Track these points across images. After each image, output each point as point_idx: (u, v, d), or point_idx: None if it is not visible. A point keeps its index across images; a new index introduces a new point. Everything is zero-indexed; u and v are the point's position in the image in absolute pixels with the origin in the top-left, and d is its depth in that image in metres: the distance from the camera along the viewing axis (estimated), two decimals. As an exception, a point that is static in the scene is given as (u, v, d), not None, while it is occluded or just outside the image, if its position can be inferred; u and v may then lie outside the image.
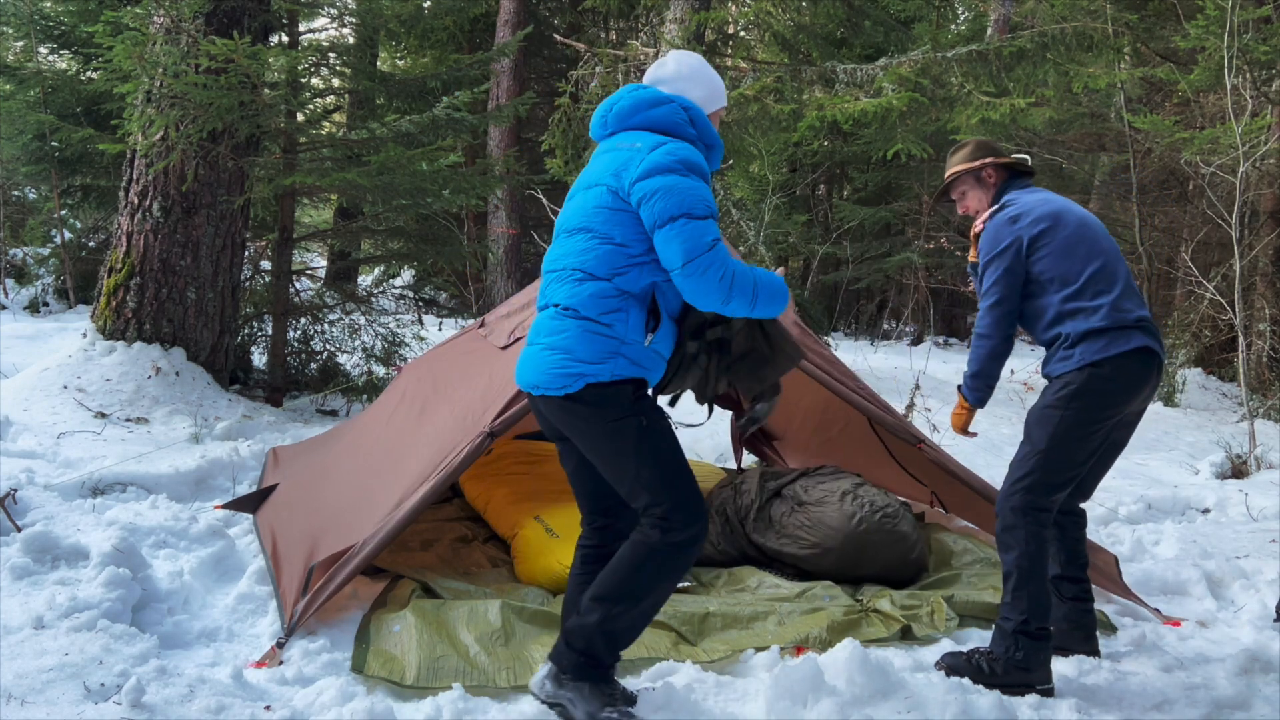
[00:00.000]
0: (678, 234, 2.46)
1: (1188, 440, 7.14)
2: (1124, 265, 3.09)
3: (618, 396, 2.54)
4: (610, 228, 2.56)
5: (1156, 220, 10.31)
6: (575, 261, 2.60)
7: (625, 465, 2.56)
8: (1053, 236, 3.03)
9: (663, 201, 2.47)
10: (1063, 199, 3.20)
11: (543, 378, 2.57)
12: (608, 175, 2.59)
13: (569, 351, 2.53)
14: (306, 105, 7.34)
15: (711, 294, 2.47)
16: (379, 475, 3.82)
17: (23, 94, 9.92)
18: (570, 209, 2.70)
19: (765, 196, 11.82)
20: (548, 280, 2.70)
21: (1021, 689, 2.97)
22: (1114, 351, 2.93)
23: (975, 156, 3.30)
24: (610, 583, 2.57)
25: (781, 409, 5.46)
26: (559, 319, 2.59)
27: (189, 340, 6.40)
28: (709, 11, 9.19)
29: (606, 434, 2.56)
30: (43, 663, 2.72)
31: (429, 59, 14.61)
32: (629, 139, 2.64)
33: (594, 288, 2.55)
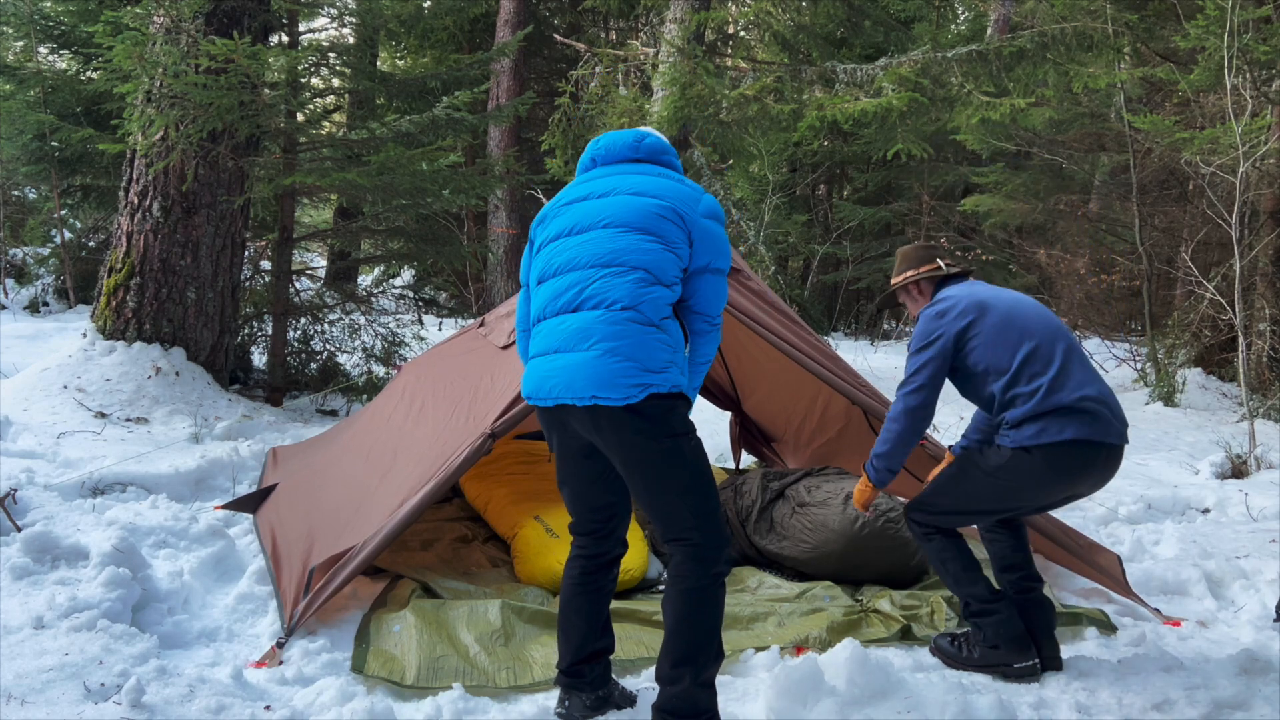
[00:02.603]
0: (720, 286, 2.61)
1: (1188, 440, 7.14)
2: (1064, 341, 3.06)
3: (676, 411, 2.49)
4: (675, 238, 2.55)
5: (1156, 220, 10.30)
6: (639, 259, 2.51)
7: (672, 488, 2.49)
8: (980, 326, 3.05)
9: (720, 250, 2.61)
10: (993, 289, 3.20)
11: (603, 386, 2.42)
12: (673, 197, 2.59)
13: (634, 358, 2.43)
14: (306, 105, 7.34)
15: (715, 346, 2.65)
16: (379, 475, 3.82)
17: (23, 94, 9.92)
18: (611, 208, 2.59)
19: (765, 196, 11.83)
20: (588, 277, 2.53)
21: (1000, 668, 3.07)
22: (1045, 440, 2.93)
23: (902, 270, 3.41)
24: (684, 642, 2.50)
25: (781, 410, 5.47)
26: (619, 322, 2.45)
27: (189, 340, 6.40)
28: (709, 11, 9.19)
29: (662, 452, 2.47)
30: (43, 663, 2.72)
31: (429, 59, 14.61)
32: (664, 171, 2.71)
33: (659, 293, 2.50)
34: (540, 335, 2.59)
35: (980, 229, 13.93)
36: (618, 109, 9.26)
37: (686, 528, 2.50)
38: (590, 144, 2.81)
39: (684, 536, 2.50)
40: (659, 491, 2.51)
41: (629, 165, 2.72)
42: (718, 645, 2.55)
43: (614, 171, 2.71)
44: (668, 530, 2.53)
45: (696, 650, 2.49)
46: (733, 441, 5.97)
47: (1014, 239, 13.35)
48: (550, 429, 2.64)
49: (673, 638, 2.51)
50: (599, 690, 2.72)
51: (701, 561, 2.49)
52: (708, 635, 2.51)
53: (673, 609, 2.51)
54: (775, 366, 5.02)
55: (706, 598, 2.50)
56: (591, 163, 2.78)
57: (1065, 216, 12.09)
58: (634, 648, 3.12)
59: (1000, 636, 3.10)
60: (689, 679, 2.48)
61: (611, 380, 2.41)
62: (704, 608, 2.50)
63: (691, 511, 2.49)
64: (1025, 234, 13.67)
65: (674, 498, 2.50)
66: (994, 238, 13.64)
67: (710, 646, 2.52)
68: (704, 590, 2.49)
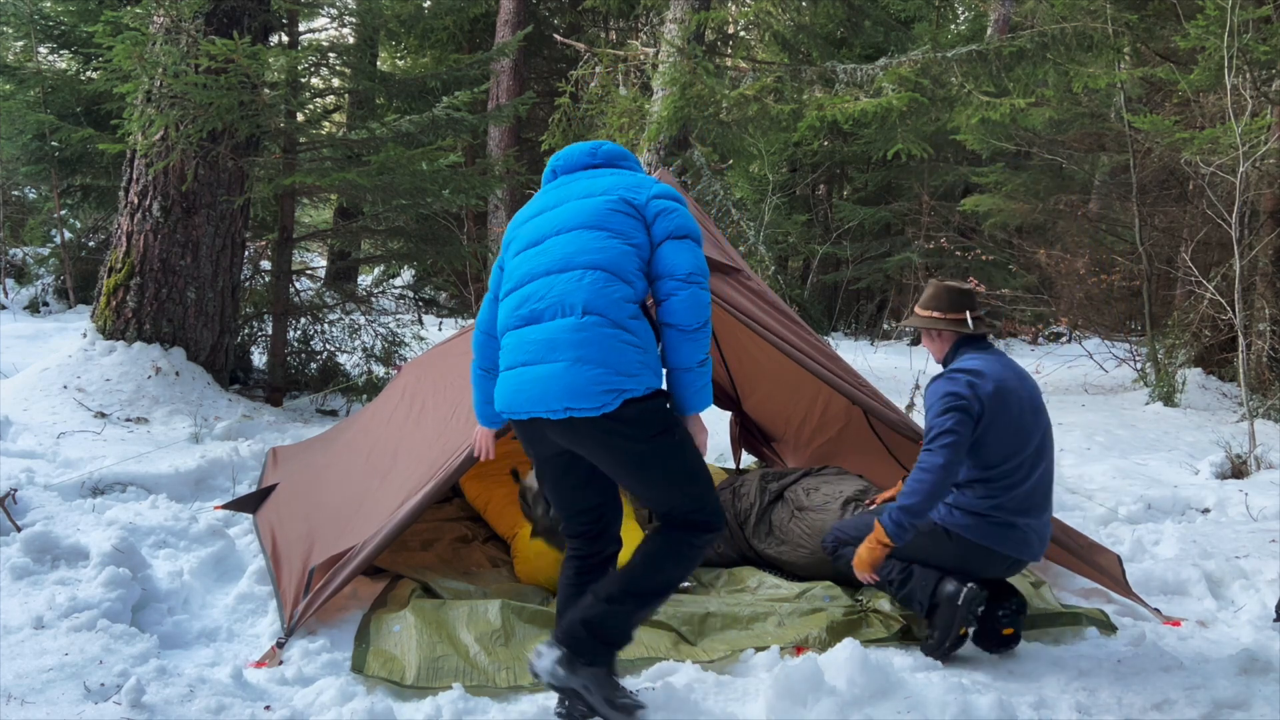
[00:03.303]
0: (689, 248, 2.55)
1: (1188, 440, 7.14)
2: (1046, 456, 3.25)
3: (656, 411, 2.47)
4: (630, 229, 2.54)
5: (1156, 220, 10.29)
6: (594, 258, 2.49)
7: (662, 481, 2.53)
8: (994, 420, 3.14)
9: (680, 220, 2.57)
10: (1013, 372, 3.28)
11: (577, 397, 2.40)
12: (619, 188, 2.60)
13: (604, 363, 2.40)
14: (306, 105, 7.34)
15: (699, 310, 2.50)
16: (379, 475, 3.82)
17: (23, 94, 9.93)
18: (563, 214, 2.61)
19: (765, 196, 11.84)
20: (547, 285, 2.51)
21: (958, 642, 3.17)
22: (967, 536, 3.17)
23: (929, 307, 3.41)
24: (644, 579, 2.57)
25: (780, 410, 5.47)
26: (584, 329, 2.42)
27: (189, 340, 6.40)
28: (709, 11, 9.19)
29: (645, 452, 2.48)
30: (43, 663, 2.72)
31: (429, 59, 14.61)
32: (617, 171, 2.72)
33: (620, 290, 2.47)
34: (508, 348, 2.57)
35: (980, 229, 13.92)
36: (618, 109, 9.26)
37: (687, 508, 2.57)
38: (551, 157, 2.83)
39: (683, 516, 2.58)
40: (650, 486, 2.55)
41: (584, 172, 2.74)
42: (665, 598, 2.64)
43: (569, 180, 2.72)
44: (669, 516, 2.59)
45: (652, 591, 2.58)
46: (733, 441, 5.96)
47: (1014, 239, 13.35)
48: (528, 442, 2.63)
49: (635, 569, 2.57)
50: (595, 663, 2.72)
51: (701, 527, 2.58)
52: (668, 583, 2.59)
53: (654, 548, 2.58)
54: (775, 366, 5.02)
55: (690, 552, 2.58)
56: (552, 174, 2.80)
57: (1065, 216, 12.09)
58: (634, 648, 3.11)
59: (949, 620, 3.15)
60: (630, 607, 2.56)
61: (584, 390, 2.39)
62: (683, 560, 2.58)
63: (687, 497, 2.57)
64: (1025, 234, 13.67)
65: (666, 490, 2.55)
66: (994, 238, 13.64)
67: (663, 594, 2.62)
68: (692, 546, 2.58)
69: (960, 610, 3.12)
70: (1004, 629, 3.24)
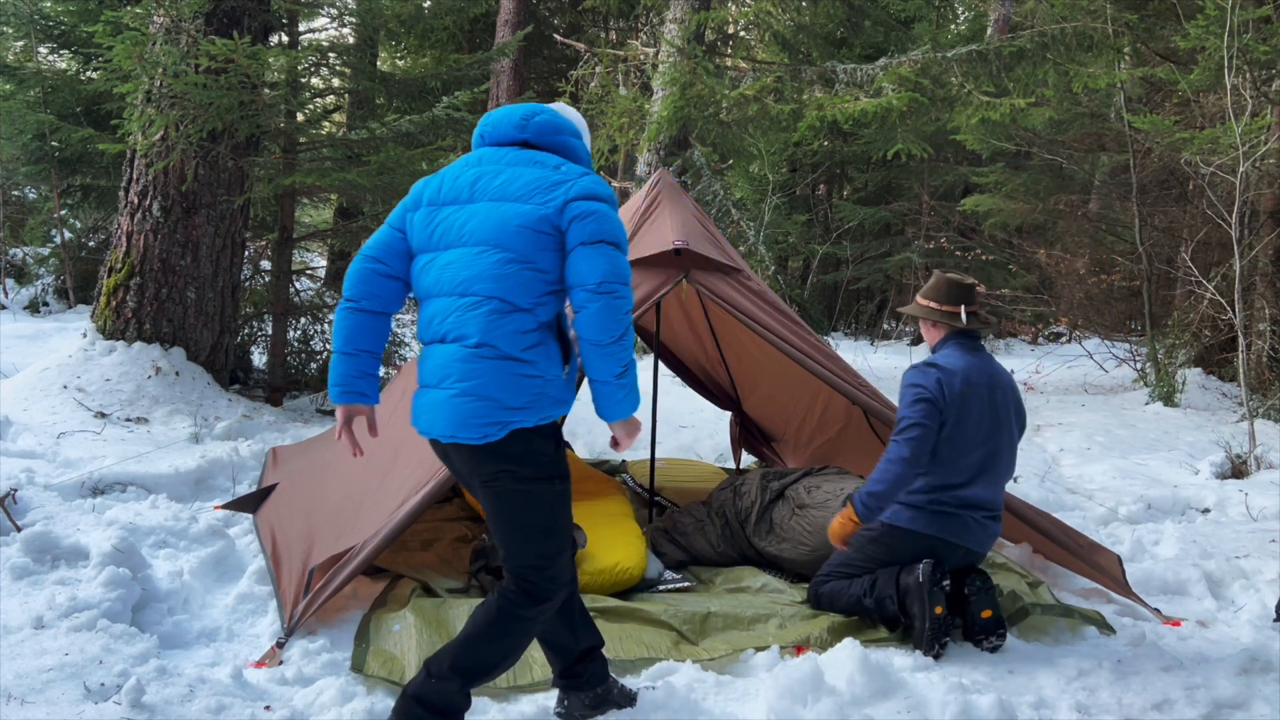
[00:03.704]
0: (601, 254, 2.36)
1: (1188, 440, 7.14)
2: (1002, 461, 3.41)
3: (542, 450, 2.39)
4: (534, 251, 2.37)
5: (1156, 220, 10.28)
6: (492, 288, 2.35)
7: (522, 527, 2.43)
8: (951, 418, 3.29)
9: (595, 223, 2.37)
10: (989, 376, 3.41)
11: (459, 427, 2.34)
12: (537, 192, 2.41)
13: (490, 397, 2.32)
14: (306, 105, 7.34)
15: (614, 323, 2.34)
16: (379, 475, 3.82)
17: (23, 94, 9.93)
18: (471, 221, 2.43)
19: (765, 196, 11.83)
20: (447, 307, 2.41)
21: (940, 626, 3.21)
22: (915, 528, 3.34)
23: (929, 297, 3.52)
24: (475, 655, 2.46)
25: (780, 410, 5.47)
26: (472, 360, 2.34)
27: (189, 340, 6.40)
28: (709, 11, 9.19)
29: (520, 493, 2.39)
30: (43, 663, 2.72)
31: (429, 59, 14.60)
32: (543, 157, 2.50)
33: (517, 321, 2.35)
34: (422, 362, 2.50)
35: (980, 229, 13.92)
36: (618, 109, 9.26)
37: (527, 566, 2.45)
38: (483, 118, 2.64)
39: (522, 573, 2.46)
40: (510, 528, 2.45)
41: (509, 151, 2.52)
42: (503, 670, 2.53)
43: (490, 159, 2.52)
44: (507, 560, 2.48)
45: (480, 668, 2.48)
46: (733, 441, 5.97)
47: (1014, 239, 13.35)
48: (441, 459, 2.59)
49: (465, 644, 2.47)
50: (597, 687, 2.72)
51: (532, 597, 2.45)
52: (500, 659, 2.49)
53: (482, 620, 2.47)
54: (775, 366, 5.02)
55: (520, 628, 2.47)
56: (480, 140, 2.61)
57: (1065, 216, 12.09)
58: (634, 648, 3.12)
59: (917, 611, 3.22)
60: (456, 685, 2.47)
61: (467, 420, 2.33)
62: (512, 635, 2.47)
63: (536, 552, 2.44)
64: (1025, 234, 13.67)
65: (522, 537, 2.44)
66: (994, 238, 13.63)
67: (495, 670, 2.51)
68: (522, 620, 2.46)
69: (925, 586, 3.19)
70: (981, 610, 3.27)
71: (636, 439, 2.56)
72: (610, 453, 6.12)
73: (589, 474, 4.74)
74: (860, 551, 3.48)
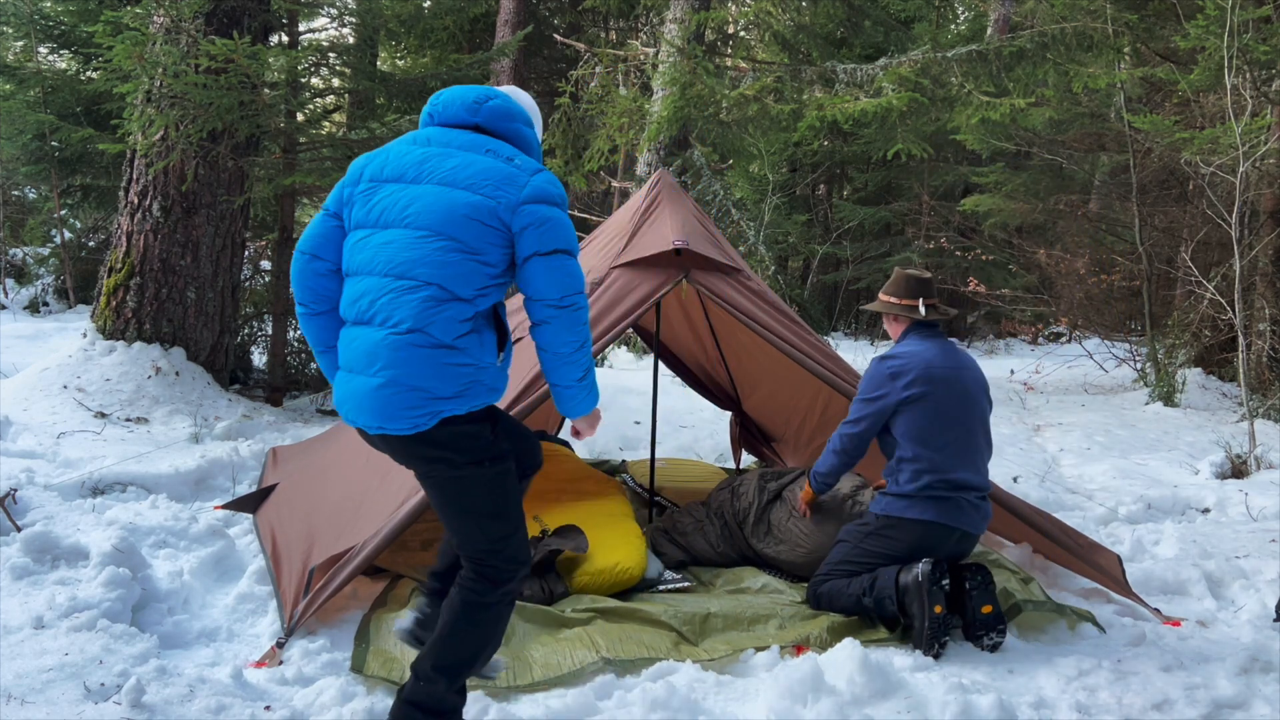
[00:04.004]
0: (560, 266, 2.34)
1: (1188, 440, 7.14)
2: (978, 440, 3.51)
3: (477, 436, 2.35)
4: (480, 243, 2.32)
5: (1156, 220, 10.28)
6: (432, 274, 2.28)
7: (468, 512, 2.41)
8: (918, 405, 3.44)
9: (550, 232, 2.34)
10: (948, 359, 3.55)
11: (388, 418, 2.28)
12: (488, 183, 2.34)
13: (419, 387, 2.26)
14: (306, 105, 7.34)
15: (575, 334, 2.36)
16: (379, 475, 3.81)
17: (23, 94, 9.93)
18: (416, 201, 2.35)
19: (765, 196, 11.83)
20: (379, 287, 2.32)
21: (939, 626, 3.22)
22: (909, 515, 3.41)
23: (889, 292, 3.73)
24: (452, 652, 2.45)
25: (780, 410, 5.47)
26: (403, 347, 2.26)
27: (189, 340, 6.40)
28: (709, 11, 9.19)
29: (458, 478, 2.36)
30: (43, 663, 2.72)
31: (429, 59, 14.60)
32: (496, 145, 2.44)
33: (453, 310, 2.29)
34: (343, 344, 2.42)
35: (980, 229, 13.92)
36: (618, 109, 9.26)
37: (481, 552, 2.43)
38: (433, 96, 2.56)
39: (478, 559, 2.44)
40: (456, 516, 2.43)
41: (460, 134, 2.46)
42: (485, 658, 2.50)
43: (439, 140, 2.45)
44: (461, 548, 2.47)
45: (461, 663, 2.46)
46: (733, 441, 5.96)
47: (1014, 239, 13.35)
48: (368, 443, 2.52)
49: (441, 642, 2.44)
50: None
51: (491, 581, 2.43)
52: (478, 649, 2.47)
53: (450, 616, 2.44)
54: (775, 366, 5.02)
55: (489, 614, 2.45)
56: (429, 119, 2.54)
57: (1065, 216, 12.09)
58: (634, 648, 3.12)
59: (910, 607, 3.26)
60: (444, 685, 2.45)
61: (395, 412, 2.27)
62: (483, 624, 2.45)
63: (487, 536, 2.42)
64: (1025, 234, 13.67)
65: (470, 522, 2.42)
66: (994, 238, 13.63)
67: (476, 661, 2.48)
68: (488, 607, 2.44)
69: (924, 586, 3.21)
70: (982, 606, 3.28)
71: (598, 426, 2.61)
72: (611, 453, 6.12)
73: (589, 474, 4.74)
74: (858, 547, 3.50)
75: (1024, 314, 12.88)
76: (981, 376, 3.64)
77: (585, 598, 3.48)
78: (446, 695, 2.47)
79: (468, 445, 2.34)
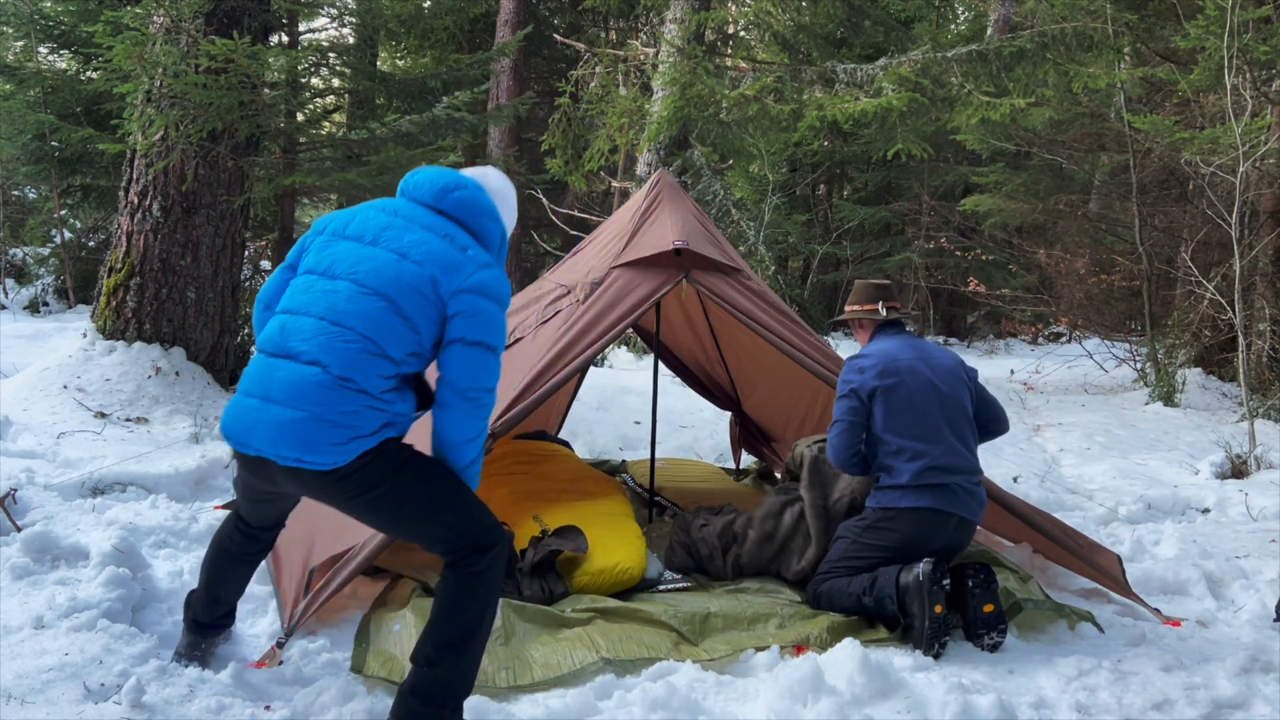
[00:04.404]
0: (478, 359, 2.46)
1: (1188, 440, 7.14)
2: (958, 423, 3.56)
3: (382, 455, 2.40)
4: (417, 314, 2.43)
5: (1156, 220, 10.28)
6: (368, 328, 2.39)
7: (419, 519, 2.46)
8: (887, 395, 3.53)
9: (480, 325, 2.46)
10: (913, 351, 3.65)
11: (307, 450, 2.33)
12: (433, 265, 2.45)
13: (343, 425, 2.33)
14: (306, 105, 7.35)
15: (470, 426, 2.48)
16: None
17: (23, 94, 9.94)
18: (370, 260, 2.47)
19: (765, 196, 11.83)
20: (312, 327, 2.42)
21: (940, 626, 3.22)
22: (905, 504, 3.44)
23: (851, 303, 3.92)
24: (452, 627, 2.47)
25: (780, 410, 5.47)
26: (331, 387, 2.34)
27: (189, 340, 6.40)
28: (709, 11, 9.19)
29: (382, 495, 2.42)
30: (43, 663, 2.72)
31: (429, 59, 14.61)
32: (456, 232, 2.55)
33: (383, 367, 2.39)
34: (254, 369, 2.48)
35: (980, 229, 13.92)
36: (618, 109, 9.27)
37: (448, 541, 2.48)
38: (410, 173, 2.70)
39: (452, 548, 2.48)
40: (408, 527, 2.50)
41: (425, 214, 2.59)
42: (485, 633, 2.51)
43: (405, 213, 2.58)
44: (429, 547, 2.53)
45: (465, 634, 2.47)
46: (733, 441, 5.97)
47: (1014, 239, 13.35)
48: (246, 470, 2.55)
49: (440, 621, 2.48)
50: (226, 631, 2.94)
51: (475, 552, 2.47)
52: (478, 618, 2.48)
53: (443, 595, 2.49)
54: (775, 366, 5.02)
55: (483, 581, 2.47)
56: (401, 192, 2.69)
57: (1065, 216, 12.09)
58: (634, 648, 3.12)
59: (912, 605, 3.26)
60: (450, 662, 2.46)
61: (319, 446, 2.33)
62: (479, 591, 2.47)
63: (448, 529, 2.47)
64: (1025, 234, 13.67)
65: (426, 528, 2.48)
66: (994, 238, 13.64)
67: (479, 632, 2.49)
68: (480, 574, 2.47)
69: (925, 585, 3.21)
70: (984, 605, 3.28)
71: None
72: (611, 453, 6.12)
73: (589, 474, 4.74)
74: (856, 541, 3.51)
75: (1024, 314, 12.88)
76: (954, 364, 3.69)
77: (585, 598, 3.48)
78: (451, 677, 2.48)
79: (379, 464, 2.40)
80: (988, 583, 3.31)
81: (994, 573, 3.38)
